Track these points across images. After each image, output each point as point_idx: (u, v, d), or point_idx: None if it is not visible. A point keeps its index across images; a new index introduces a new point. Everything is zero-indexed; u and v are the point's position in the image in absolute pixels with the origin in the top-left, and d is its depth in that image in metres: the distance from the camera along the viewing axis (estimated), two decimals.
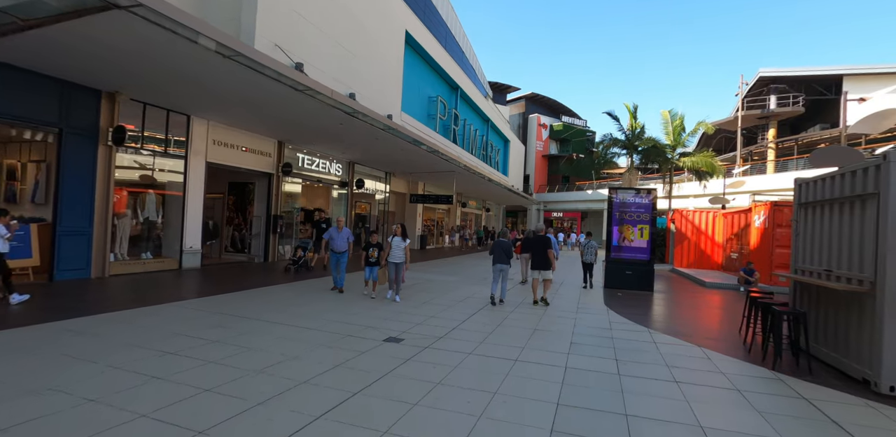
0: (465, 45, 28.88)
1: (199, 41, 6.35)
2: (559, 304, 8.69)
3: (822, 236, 5.35)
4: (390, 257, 7.87)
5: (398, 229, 8.04)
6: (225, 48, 6.66)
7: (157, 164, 10.06)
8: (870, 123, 10.43)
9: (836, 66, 28.11)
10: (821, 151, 10.28)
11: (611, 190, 11.59)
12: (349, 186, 16.90)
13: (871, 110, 11.31)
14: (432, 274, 12.60)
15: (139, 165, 9.79)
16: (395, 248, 7.84)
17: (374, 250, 8.04)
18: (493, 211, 40.02)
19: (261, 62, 7.29)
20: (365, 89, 14.01)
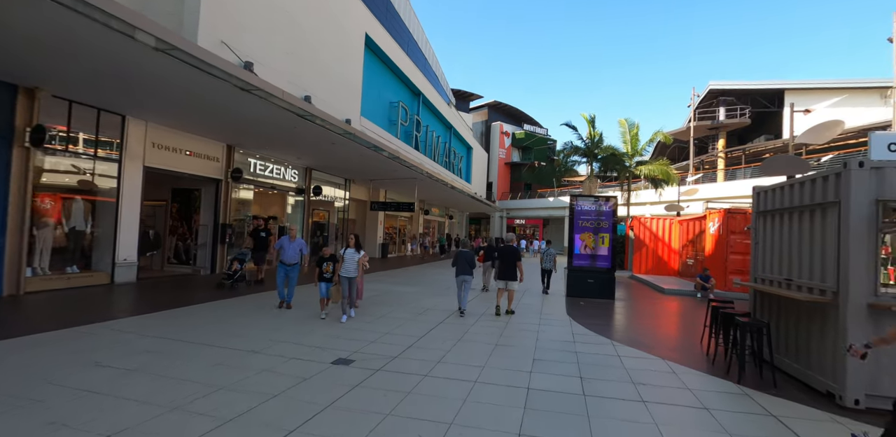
0: (427, 52, 28.74)
1: (135, 36, 5.75)
2: (522, 314, 8.42)
3: (781, 245, 5.31)
4: (342, 271, 7.11)
5: (351, 240, 7.31)
6: (162, 43, 6.07)
7: (87, 168, 9.15)
8: (815, 134, 10.84)
9: (779, 80, 29.80)
10: (771, 161, 10.56)
11: (572, 198, 11.53)
12: (306, 193, 16.20)
13: (815, 122, 11.78)
14: (392, 285, 12.11)
15: (65, 169, 8.87)
16: (348, 261, 7.11)
17: (328, 264, 7.25)
18: (456, 218, 39.85)
19: (202, 58, 6.70)
20: (322, 92, 13.47)
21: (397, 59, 19.29)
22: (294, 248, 7.92)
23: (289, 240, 7.95)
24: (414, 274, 15.51)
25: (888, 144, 3.99)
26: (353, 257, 7.15)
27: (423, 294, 10.57)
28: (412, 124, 21.61)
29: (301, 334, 6.08)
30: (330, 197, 18.36)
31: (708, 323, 6.61)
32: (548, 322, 7.75)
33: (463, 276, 8.05)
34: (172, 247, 12.86)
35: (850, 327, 4.05)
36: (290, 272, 7.81)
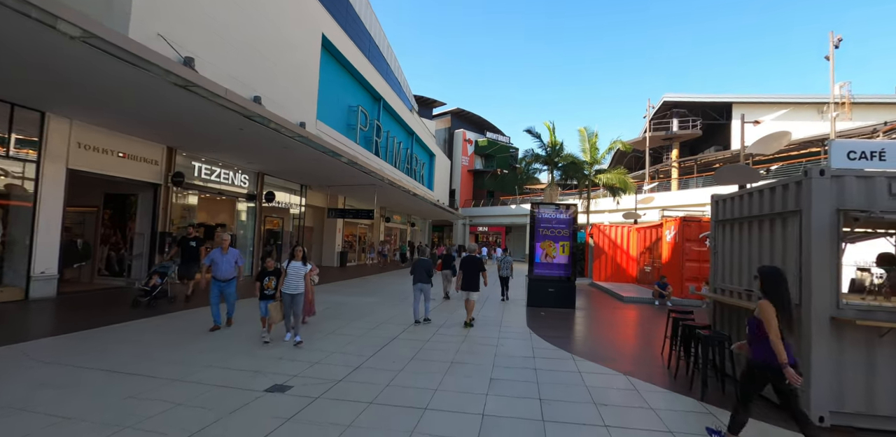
0: (389, 57, 28.37)
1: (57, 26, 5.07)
2: (481, 327, 8.07)
3: (741, 255, 5.20)
4: (285, 287, 6.18)
5: (298, 252, 6.36)
6: (84, 33, 5.40)
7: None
8: (764, 144, 11.17)
9: (727, 94, 31.24)
10: (724, 170, 10.75)
11: (533, 205, 11.36)
12: (257, 200, 15.35)
13: (762, 133, 12.16)
14: (348, 295, 11.51)
15: None
16: (293, 275, 6.19)
17: (270, 279, 6.44)
18: (418, 226, 39.37)
19: (129, 50, 6.04)
20: (274, 94, 12.80)
21: (357, 62, 18.80)
22: (228, 261, 6.94)
23: (221, 252, 6.93)
24: (372, 284, 14.93)
25: (847, 152, 3.91)
26: (299, 271, 6.25)
27: (380, 305, 10.06)
28: (372, 129, 21.09)
29: (236, 356, 5.46)
30: (284, 204, 17.53)
31: (668, 334, 6.47)
32: (507, 335, 7.42)
33: (420, 284, 8.04)
34: (104, 258, 11.77)
35: (815, 342, 3.91)
36: (226, 289, 6.91)
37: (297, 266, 6.29)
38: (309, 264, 6.48)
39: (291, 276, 6.22)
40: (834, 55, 20.41)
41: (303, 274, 6.30)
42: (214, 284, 6.88)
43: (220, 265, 6.87)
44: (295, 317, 6.27)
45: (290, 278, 6.22)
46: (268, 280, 6.47)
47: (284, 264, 6.34)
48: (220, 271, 6.86)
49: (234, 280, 7.01)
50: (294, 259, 6.33)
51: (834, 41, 20.20)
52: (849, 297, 3.99)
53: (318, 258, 22.33)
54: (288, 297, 6.23)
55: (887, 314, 3.84)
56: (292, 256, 6.37)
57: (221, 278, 6.88)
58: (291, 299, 6.23)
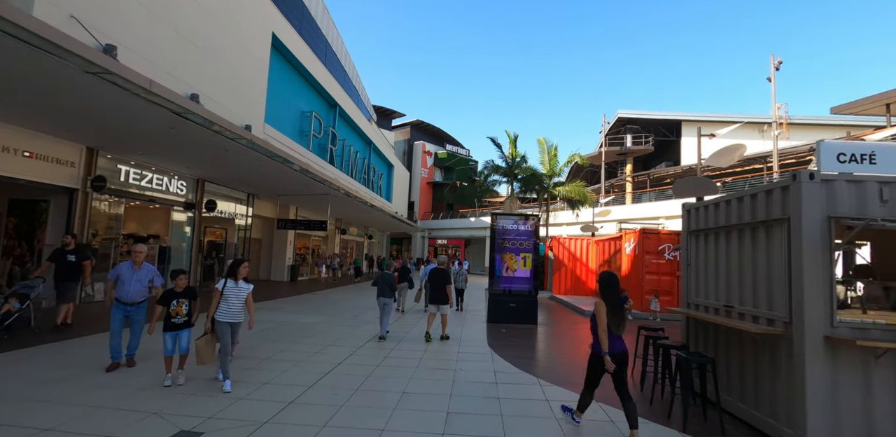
0: (348, 65, 27.67)
1: None
2: (438, 346, 7.36)
3: (718, 267, 4.81)
4: (220, 314, 4.80)
5: (244, 269, 5.04)
6: None
7: None
8: (719, 157, 11.26)
9: (677, 112, 32.50)
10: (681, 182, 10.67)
11: (493, 216, 10.87)
12: (197, 209, 14.08)
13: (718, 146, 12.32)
14: (293, 314, 10.50)
15: None
16: (232, 297, 4.85)
17: (180, 303, 4.96)
18: (376, 239, 38.31)
19: (24, 26, 5.07)
20: (216, 93, 11.79)
21: (311, 65, 17.96)
22: (139, 279, 5.42)
23: (131, 267, 5.42)
24: (323, 300, 13.90)
25: (837, 155, 3.60)
26: (240, 292, 4.91)
27: (328, 325, 9.15)
28: (327, 137, 20.18)
29: (137, 392, 4.49)
30: (229, 213, 16.26)
31: (640, 354, 6.01)
32: (467, 357, 6.75)
33: (382, 299, 7.88)
34: (6, 272, 10.21)
35: (809, 364, 3.48)
36: (133, 314, 5.40)
37: (240, 286, 4.93)
38: (251, 286, 5.05)
39: (231, 299, 4.86)
40: (775, 77, 21.56)
41: (245, 296, 4.96)
42: (118, 307, 5.34)
43: (128, 284, 5.35)
44: (227, 354, 4.88)
45: (232, 302, 4.85)
46: (177, 304, 4.95)
47: (220, 284, 4.90)
48: (128, 291, 5.34)
49: (142, 305, 5.51)
50: (235, 277, 4.94)
51: (775, 63, 21.39)
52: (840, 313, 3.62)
53: (266, 272, 20.94)
54: (225, 327, 4.80)
55: (883, 333, 3.48)
56: (233, 272, 4.95)
57: (128, 300, 5.34)
58: (230, 329, 4.85)
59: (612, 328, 3.96)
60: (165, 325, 4.87)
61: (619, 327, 4.02)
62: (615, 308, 4.01)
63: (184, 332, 4.94)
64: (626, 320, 4.13)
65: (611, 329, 3.96)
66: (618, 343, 3.98)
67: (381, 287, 7.89)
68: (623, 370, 3.89)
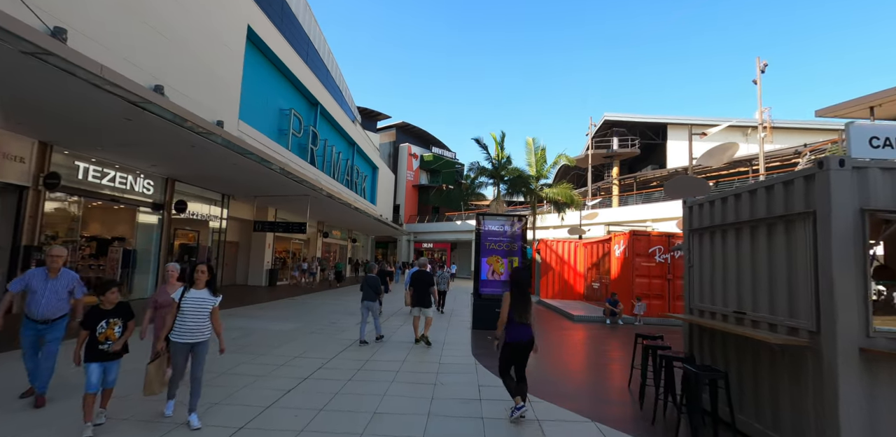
0: (331, 64, 27.04)
1: None
2: (419, 356, 6.77)
3: (726, 269, 4.32)
4: (178, 333, 3.82)
5: (202, 275, 3.96)
6: None
7: None
8: (711, 156, 10.92)
9: (662, 116, 32.51)
10: (672, 182, 10.27)
11: (478, 216, 10.33)
12: (165, 209, 13.29)
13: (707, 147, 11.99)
14: (265, 321, 9.80)
15: None
16: (190, 311, 3.84)
17: (111, 323, 3.73)
18: (360, 242, 37.53)
19: None
20: (184, 86, 11.09)
21: (290, 62, 17.30)
22: (54, 289, 4.23)
23: (44, 276, 4.24)
24: (300, 306, 13.19)
25: (869, 139, 3.15)
26: (202, 304, 3.89)
27: (301, 333, 8.49)
28: (307, 136, 19.49)
29: (53, 419, 3.81)
30: (202, 215, 15.46)
31: (637, 364, 5.50)
32: (449, 368, 6.17)
33: (367, 302, 7.82)
34: None
35: (843, 380, 2.99)
36: (47, 334, 4.21)
37: (201, 297, 3.91)
38: (217, 296, 4.03)
39: (189, 314, 3.84)
40: (761, 79, 21.55)
41: (210, 310, 3.94)
42: (28, 326, 4.18)
43: (40, 296, 4.17)
44: (193, 380, 3.85)
45: (188, 318, 3.84)
46: (106, 326, 3.69)
47: (177, 294, 3.93)
48: (39, 305, 4.15)
49: (62, 322, 4.31)
50: (195, 286, 3.93)
51: (760, 66, 21.38)
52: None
53: (243, 276, 20.10)
54: (183, 348, 3.83)
55: None
56: (191, 280, 3.96)
57: (39, 316, 4.14)
58: (190, 350, 3.86)
59: (515, 317, 4.37)
60: (89, 352, 3.63)
61: (523, 316, 4.38)
62: (520, 298, 4.46)
63: (114, 362, 3.72)
64: (529, 310, 4.45)
65: (514, 318, 4.37)
66: (522, 331, 4.35)
67: (366, 291, 7.84)
68: (525, 356, 4.37)
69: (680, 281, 12.32)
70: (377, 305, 7.94)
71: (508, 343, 4.34)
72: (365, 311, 7.83)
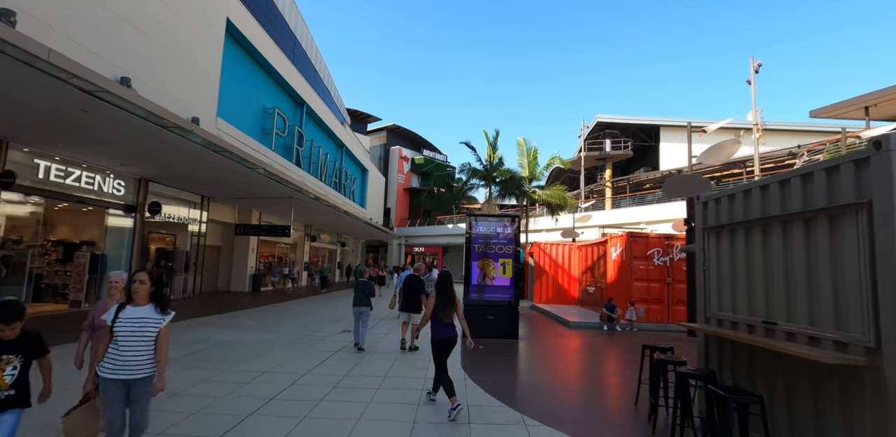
0: (319, 64, 26.41)
1: None
2: (402, 369, 6.13)
3: (751, 272, 3.76)
4: (111, 367, 2.81)
5: (141, 288, 2.96)
6: None
7: None
8: (712, 154, 10.44)
9: (654, 117, 32.23)
10: (672, 181, 9.77)
11: (469, 217, 9.74)
12: (138, 211, 12.54)
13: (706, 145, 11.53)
14: (239, 330, 9.11)
15: None
16: (125, 336, 2.85)
17: (3, 361, 2.59)
18: (350, 246, 36.78)
19: None
20: (156, 80, 10.43)
21: (274, 59, 16.67)
22: None
23: None
24: (281, 313, 12.48)
25: None
26: (143, 327, 2.90)
27: (276, 344, 7.81)
28: (292, 136, 18.83)
29: None
30: (180, 218, 14.72)
31: (645, 379, 4.92)
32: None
33: (358, 307, 7.59)
34: None
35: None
36: None
37: (141, 317, 2.91)
38: (169, 313, 3.05)
39: (126, 340, 2.84)
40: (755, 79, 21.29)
41: (155, 335, 2.94)
42: None
43: None
44: (133, 431, 2.89)
45: (124, 345, 2.83)
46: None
47: (109, 314, 2.91)
48: None
49: None
50: (133, 301, 2.96)
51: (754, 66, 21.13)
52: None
53: (225, 282, 19.31)
54: (116, 389, 2.82)
55: None
56: (129, 294, 2.97)
57: None
58: (123, 391, 2.85)
59: (440, 316, 4.68)
60: None
61: (446, 317, 4.70)
62: (444, 301, 4.73)
63: (7, 414, 2.58)
64: (452, 312, 4.76)
65: (440, 317, 4.68)
66: (446, 330, 4.64)
67: (357, 296, 7.63)
68: (447, 352, 4.64)
69: (680, 285, 11.82)
70: (368, 309, 7.70)
71: (435, 341, 4.64)
72: (357, 316, 7.60)
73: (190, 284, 15.47)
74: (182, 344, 7.34)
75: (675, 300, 11.84)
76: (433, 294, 4.81)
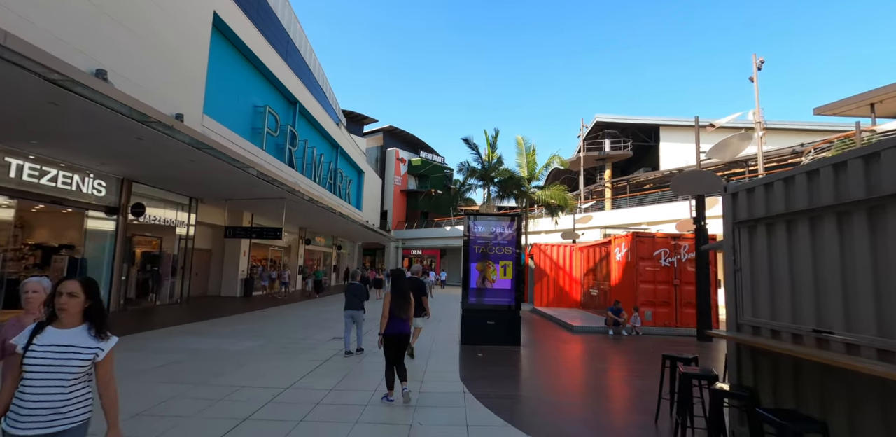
0: (313, 64, 25.91)
1: None
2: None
3: (796, 272, 3.24)
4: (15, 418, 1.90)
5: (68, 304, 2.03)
6: None
7: None
8: (724, 149, 9.95)
9: (654, 117, 31.82)
10: (681, 178, 9.28)
11: (467, 215, 9.21)
12: (121, 213, 11.98)
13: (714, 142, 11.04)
14: (221, 337, 8.53)
15: None
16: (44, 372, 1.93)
17: None
18: (346, 249, 36.20)
19: None
20: (135, 74, 9.90)
21: (265, 56, 16.16)
22: None
23: None
24: (270, 319, 11.91)
25: None
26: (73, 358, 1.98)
27: (261, 353, 7.25)
28: (285, 136, 18.30)
29: None
30: (167, 220, 14.16)
31: (665, 394, 4.39)
32: (430, 399, 4.98)
33: (350, 311, 7.30)
34: None
35: None
36: None
37: (67, 345, 2.00)
38: (111, 339, 2.12)
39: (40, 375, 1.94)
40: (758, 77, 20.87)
41: (83, 370, 2.02)
42: None
43: None
44: None
45: (37, 383, 1.93)
46: None
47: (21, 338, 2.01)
48: None
49: None
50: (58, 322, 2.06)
51: (757, 63, 20.72)
52: None
53: (216, 287, 18.71)
54: None
55: None
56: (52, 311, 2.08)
57: None
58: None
59: (395, 312, 4.82)
60: None
61: (401, 312, 4.86)
62: (399, 298, 4.88)
63: None
64: (406, 307, 4.94)
65: (395, 313, 4.81)
66: (399, 325, 4.82)
67: (350, 299, 7.32)
68: (402, 347, 4.82)
69: (688, 287, 11.30)
70: (362, 313, 7.41)
71: (388, 335, 4.75)
72: (349, 320, 7.33)
73: (178, 289, 14.89)
74: (157, 353, 6.78)
75: (683, 303, 11.32)
76: (387, 294, 4.92)
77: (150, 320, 10.84)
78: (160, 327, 9.51)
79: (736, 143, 9.53)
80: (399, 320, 4.82)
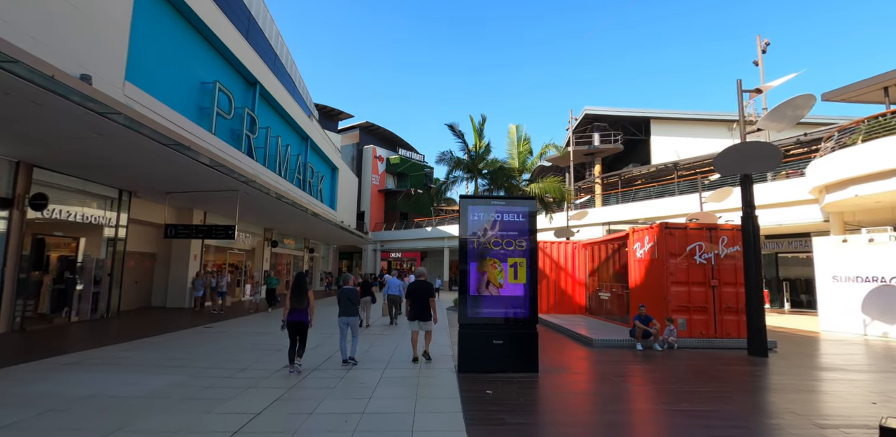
0: (281, 50, 23.38)
1: None
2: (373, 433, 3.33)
3: None
4: None
5: None
6: None
7: None
8: (779, 116, 8.01)
9: (645, 109, 30.33)
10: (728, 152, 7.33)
11: (462, 200, 6.96)
12: (15, 206, 9.36)
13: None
14: (121, 371, 6.05)
15: None
16: None
17: None
18: (319, 252, 33.51)
19: None
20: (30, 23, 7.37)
21: (215, 23, 13.64)
22: None
23: None
24: (206, 339, 9.40)
25: None
26: None
27: (172, 397, 4.83)
28: (241, 120, 15.75)
29: None
30: (90, 217, 11.53)
31: None
32: None
33: (344, 318, 6.83)
34: None
35: None
36: None
37: None
38: None
39: None
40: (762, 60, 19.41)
41: None
42: None
43: None
44: None
45: None
46: None
47: None
48: None
49: None
50: None
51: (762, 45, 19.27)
52: None
53: (161, 298, 15.97)
54: None
55: None
56: None
57: None
58: None
59: (294, 304, 6.18)
60: None
61: (298, 304, 6.19)
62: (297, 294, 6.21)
63: None
64: (302, 301, 6.24)
65: (293, 305, 6.17)
66: (297, 315, 6.17)
67: (344, 305, 6.89)
68: (303, 332, 6.22)
69: (728, 288, 9.35)
70: (357, 320, 6.99)
71: (290, 323, 6.14)
72: (344, 327, 6.88)
73: (105, 301, 12.21)
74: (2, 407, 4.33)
75: (723, 309, 9.34)
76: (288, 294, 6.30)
77: (45, 344, 8.24)
78: (48, 356, 6.96)
79: (798, 105, 7.60)
80: (298, 310, 6.17)
